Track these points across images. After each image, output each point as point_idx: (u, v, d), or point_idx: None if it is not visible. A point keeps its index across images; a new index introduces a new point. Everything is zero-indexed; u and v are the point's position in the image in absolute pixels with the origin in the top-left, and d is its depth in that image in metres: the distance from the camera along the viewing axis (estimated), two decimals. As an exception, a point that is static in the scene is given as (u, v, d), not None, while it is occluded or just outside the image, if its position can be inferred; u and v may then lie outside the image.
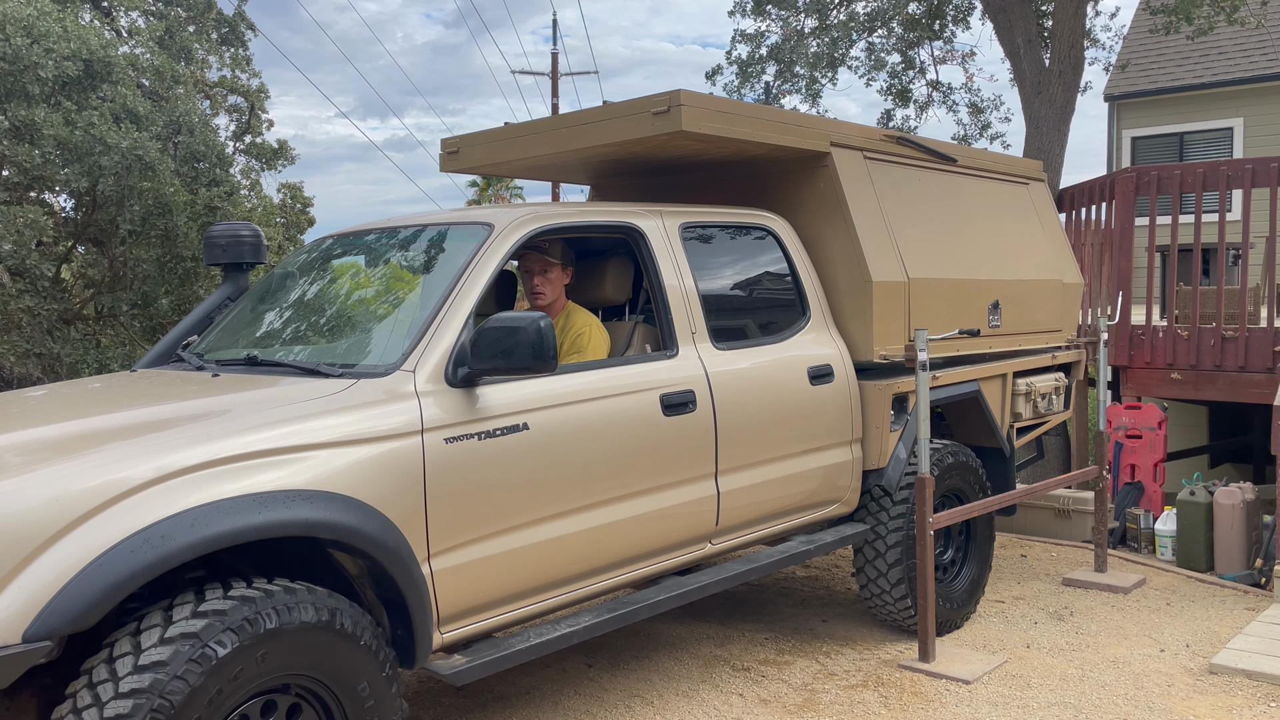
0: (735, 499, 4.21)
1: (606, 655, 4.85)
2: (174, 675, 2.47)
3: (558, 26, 50.93)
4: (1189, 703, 4.26)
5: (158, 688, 2.45)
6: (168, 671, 2.47)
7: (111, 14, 11.29)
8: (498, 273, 3.65)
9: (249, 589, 2.71)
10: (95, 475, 2.60)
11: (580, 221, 4.03)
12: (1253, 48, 14.85)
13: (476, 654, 3.39)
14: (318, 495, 2.89)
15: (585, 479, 3.64)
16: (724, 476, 4.15)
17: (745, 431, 4.23)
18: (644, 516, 3.86)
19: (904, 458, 4.87)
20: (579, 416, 3.63)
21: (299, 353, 3.78)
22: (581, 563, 3.68)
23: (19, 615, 2.41)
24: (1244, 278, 7.09)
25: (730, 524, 4.23)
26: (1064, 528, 7.06)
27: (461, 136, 5.21)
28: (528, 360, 3.23)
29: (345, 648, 2.84)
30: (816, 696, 4.36)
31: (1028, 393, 5.83)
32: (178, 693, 2.47)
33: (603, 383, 3.77)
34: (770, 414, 4.35)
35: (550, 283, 4.35)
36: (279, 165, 12.55)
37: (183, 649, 2.51)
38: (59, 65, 7.96)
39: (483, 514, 3.33)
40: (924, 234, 5.21)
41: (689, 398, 4.01)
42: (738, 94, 13.73)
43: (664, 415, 3.90)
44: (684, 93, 4.18)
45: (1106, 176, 8.29)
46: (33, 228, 7.94)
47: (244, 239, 4.64)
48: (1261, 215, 7.54)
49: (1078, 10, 10.08)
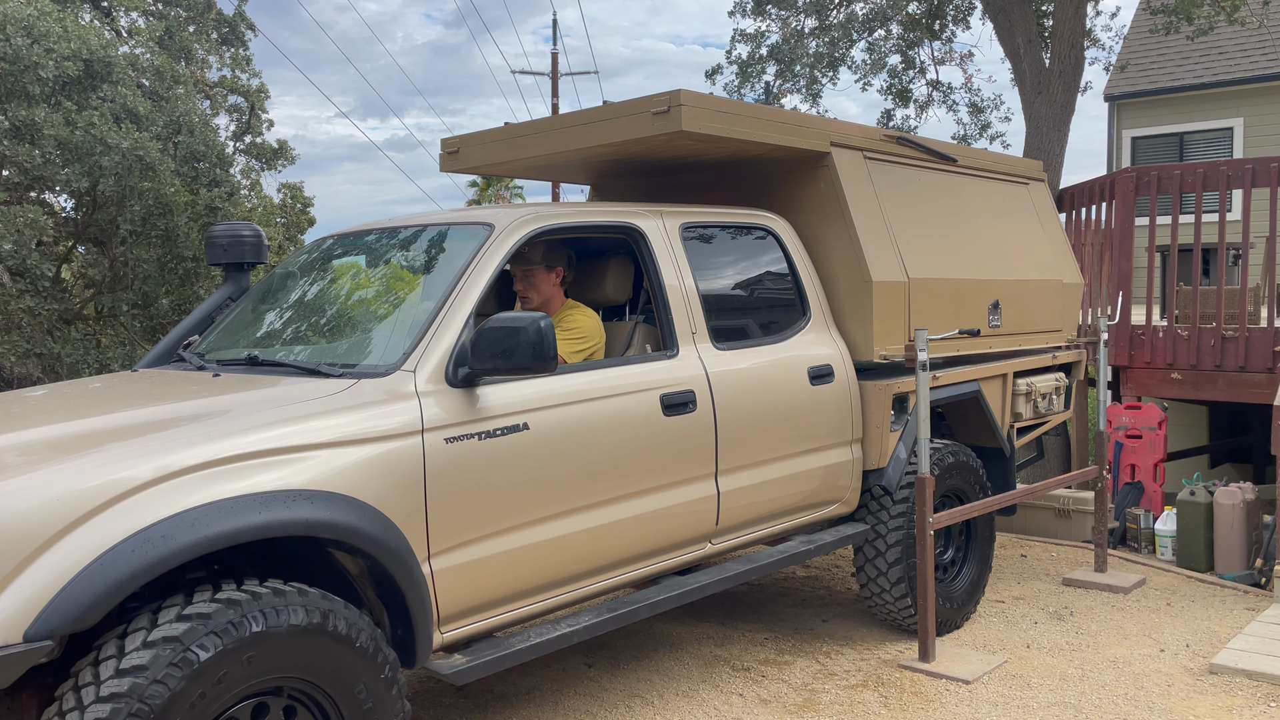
0: (735, 499, 4.21)
1: (606, 655, 4.85)
2: (154, 679, 2.46)
3: (558, 26, 50.98)
4: (1189, 703, 4.27)
5: (137, 691, 2.44)
6: (147, 676, 2.46)
7: (111, 14, 11.29)
8: (498, 273, 3.66)
9: (236, 591, 2.69)
10: (96, 475, 2.60)
11: (580, 222, 4.03)
12: (1253, 48, 14.86)
13: (477, 654, 3.39)
14: (318, 495, 2.89)
15: (585, 479, 3.64)
16: (724, 476, 4.16)
17: (745, 432, 4.23)
18: (644, 516, 3.86)
19: (904, 458, 4.87)
20: (579, 416, 3.64)
21: (299, 353, 3.78)
22: (582, 562, 3.68)
23: (20, 615, 2.41)
24: (1244, 278, 7.09)
25: (730, 524, 4.24)
26: (1064, 528, 7.06)
27: (461, 136, 5.21)
28: (528, 360, 3.24)
29: (339, 650, 2.82)
30: (816, 696, 4.36)
31: (1028, 393, 5.83)
32: (157, 697, 2.46)
33: (603, 383, 3.77)
34: (770, 414, 4.35)
35: (534, 286, 4.35)
36: (279, 165, 12.55)
37: (163, 653, 2.50)
38: (59, 65, 7.97)
39: (483, 514, 3.33)
40: (924, 234, 5.21)
41: (689, 398, 4.01)
42: (738, 94, 13.73)
43: (664, 415, 3.90)
44: (684, 93, 4.18)
45: (1106, 176, 8.29)
46: (33, 228, 7.94)
47: (245, 239, 4.64)
48: (1261, 215, 7.54)
49: (1078, 10, 10.08)
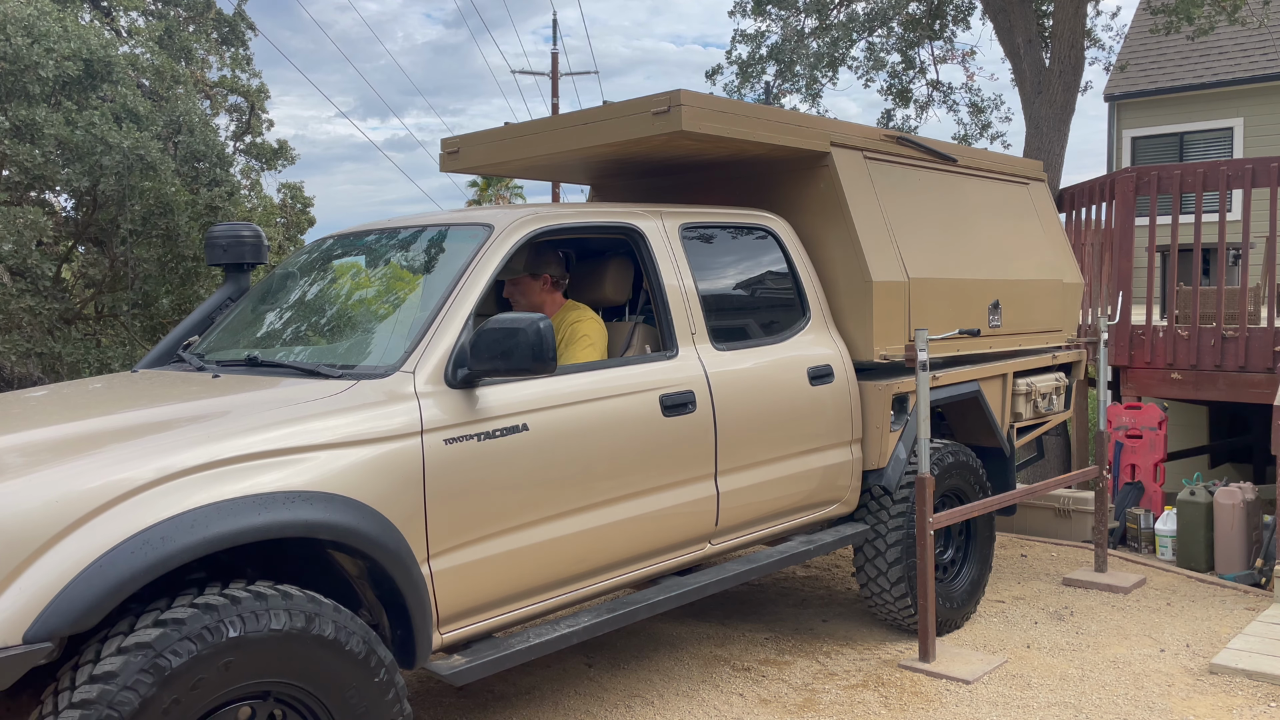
0: (735, 499, 4.21)
1: (606, 655, 4.85)
2: (123, 686, 2.45)
3: (558, 26, 50.91)
4: (1189, 703, 4.27)
5: (106, 698, 2.43)
6: (117, 682, 2.45)
7: (111, 14, 11.29)
8: (498, 274, 3.66)
9: (215, 596, 2.67)
10: (96, 476, 2.60)
11: (580, 222, 4.03)
12: (1253, 48, 14.85)
13: (476, 654, 3.39)
14: (317, 496, 2.89)
15: (585, 479, 3.63)
16: (724, 477, 4.16)
17: (745, 432, 4.23)
18: (644, 517, 3.86)
19: (904, 458, 4.87)
20: (579, 417, 3.63)
21: (299, 353, 3.78)
22: (581, 563, 3.68)
23: (20, 616, 2.41)
24: (1244, 278, 7.09)
25: (730, 524, 4.23)
26: (1064, 528, 7.06)
27: (461, 136, 5.21)
28: (527, 361, 3.23)
29: (326, 654, 2.78)
30: (817, 696, 4.37)
31: (1028, 393, 5.83)
32: (127, 703, 2.44)
33: (602, 383, 3.77)
34: (770, 414, 4.35)
35: (522, 291, 4.37)
36: (279, 165, 12.54)
37: (134, 659, 2.48)
38: (59, 65, 7.97)
39: (483, 515, 3.33)
40: (924, 234, 5.21)
41: (689, 398, 4.01)
42: (738, 94, 13.73)
43: (664, 416, 3.90)
44: (684, 93, 4.18)
45: (1106, 176, 8.29)
46: (33, 227, 7.94)
47: (245, 239, 4.64)
48: (1261, 215, 7.54)
49: (1078, 10, 10.08)
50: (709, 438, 4.07)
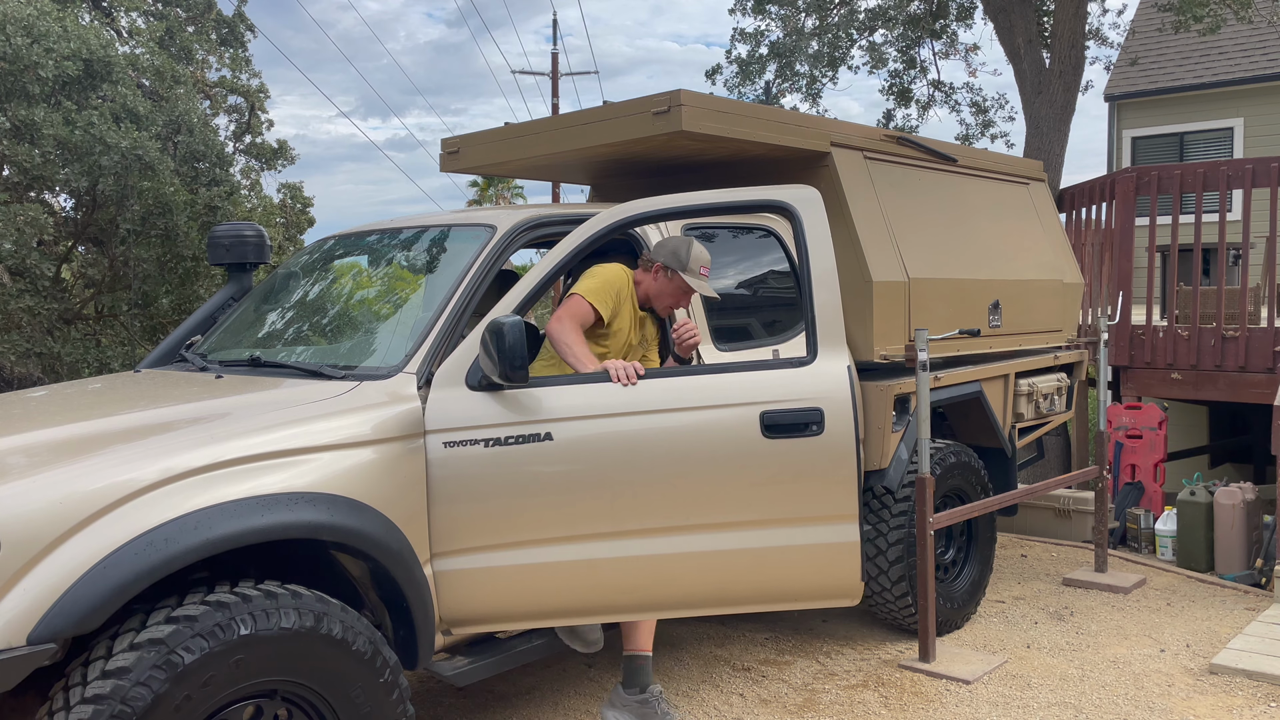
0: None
1: (607, 655, 4.85)
2: (137, 681, 2.47)
3: (558, 26, 50.89)
4: (1189, 703, 4.27)
5: (119, 693, 2.45)
6: (131, 678, 2.47)
7: (111, 14, 11.28)
8: (499, 273, 3.66)
9: (227, 594, 2.68)
10: (100, 478, 2.61)
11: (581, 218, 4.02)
12: (1253, 48, 14.85)
13: (478, 655, 3.40)
14: (320, 497, 2.89)
15: (603, 494, 3.33)
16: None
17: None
18: (691, 555, 3.41)
19: (905, 458, 4.87)
20: (595, 429, 3.40)
21: (302, 354, 3.78)
22: (602, 594, 3.36)
23: (24, 617, 2.41)
24: (1244, 278, 7.09)
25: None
26: (1064, 528, 7.07)
27: (462, 136, 5.21)
28: (496, 375, 3.19)
29: (334, 653, 2.80)
30: (817, 696, 4.37)
31: (1030, 393, 5.83)
32: (140, 699, 2.46)
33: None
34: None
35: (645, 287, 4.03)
36: (279, 165, 12.53)
37: (147, 655, 2.50)
38: (59, 65, 7.96)
39: (487, 520, 3.30)
40: (924, 234, 5.21)
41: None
42: (738, 93, 13.73)
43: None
44: (684, 92, 4.19)
45: (1107, 176, 8.29)
46: (33, 227, 7.93)
47: (248, 239, 4.64)
48: (1261, 215, 7.54)
49: (1078, 10, 10.09)
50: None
